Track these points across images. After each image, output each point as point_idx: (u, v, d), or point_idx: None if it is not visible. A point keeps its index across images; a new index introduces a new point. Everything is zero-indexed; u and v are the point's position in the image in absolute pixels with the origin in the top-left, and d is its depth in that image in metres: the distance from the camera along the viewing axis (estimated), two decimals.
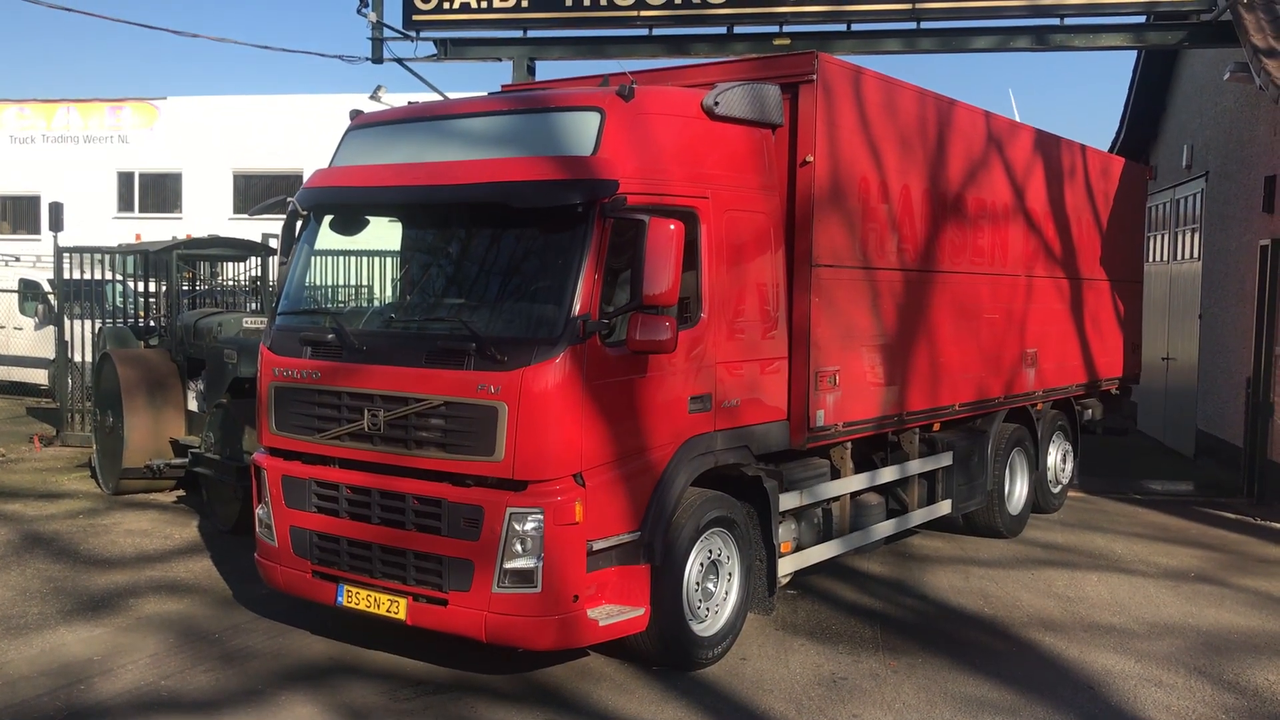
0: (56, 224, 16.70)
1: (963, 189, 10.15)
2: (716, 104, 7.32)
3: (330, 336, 7.09)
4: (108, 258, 17.28)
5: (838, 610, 8.83)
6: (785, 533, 8.30)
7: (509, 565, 6.40)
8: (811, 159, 8.02)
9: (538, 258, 6.82)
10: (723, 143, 7.46)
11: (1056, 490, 12.85)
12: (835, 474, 8.85)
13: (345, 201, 7.30)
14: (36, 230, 35.74)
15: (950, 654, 7.82)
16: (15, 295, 21.29)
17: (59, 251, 16.35)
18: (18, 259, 24.28)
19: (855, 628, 8.38)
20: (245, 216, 30.37)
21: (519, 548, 6.38)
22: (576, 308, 6.39)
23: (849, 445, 8.83)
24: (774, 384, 7.91)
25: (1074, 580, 9.87)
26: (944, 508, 10.30)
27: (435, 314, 6.91)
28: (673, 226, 6.41)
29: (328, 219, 7.62)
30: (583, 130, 6.71)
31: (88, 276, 16.06)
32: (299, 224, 7.68)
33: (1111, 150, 20.53)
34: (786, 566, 8.13)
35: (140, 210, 37.62)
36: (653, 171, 6.89)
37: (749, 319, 7.64)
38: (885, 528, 9.40)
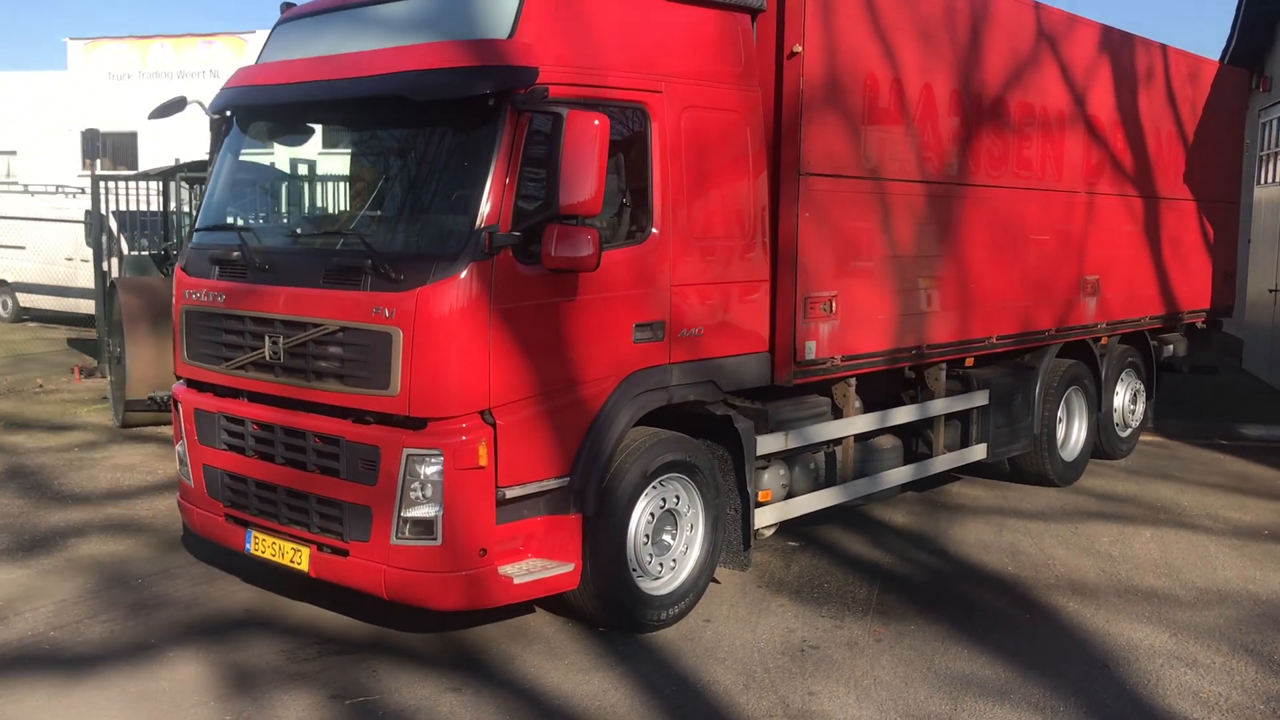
0: (91, 151, 16.36)
1: (1004, 92, 8.89)
2: None
3: (235, 254, 6.33)
4: (171, 185, 16.91)
5: (839, 565, 7.87)
6: (771, 479, 7.35)
7: (407, 514, 5.61)
8: (799, 50, 6.93)
9: (445, 161, 5.93)
10: (683, 29, 6.43)
11: (1125, 434, 11.56)
12: (839, 414, 7.84)
13: (251, 103, 6.50)
14: (135, 166, 36.10)
15: (951, 620, 6.81)
16: (81, 227, 21.23)
17: (95, 181, 16.03)
18: (84, 191, 24.28)
19: (851, 586, 7.41)
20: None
21: (418, 494, 5.57)
22: (481, 218, 5.49)
23: (852, 381, 7.79)
24: (752, 311, 6.91)
25: (1122, 536, 8.71)
26: (977, 452, 9.19)
27: (336, 227, 6.07)
28: (597, 121, 5.45)
29: (252, 123, 6.82)
30: (500, 10, 5.76)
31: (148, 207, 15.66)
32: (222, 130, 6.90)
33: (1223, 61, 18.57)
34: (767, 517, 7.18)
35: None
36: (587, 59, 5.92)
37: (718, 235, 6.65)
38: (900, 474, 8.36)
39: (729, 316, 6.76)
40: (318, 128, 6.72)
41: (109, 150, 41.17)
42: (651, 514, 6.37)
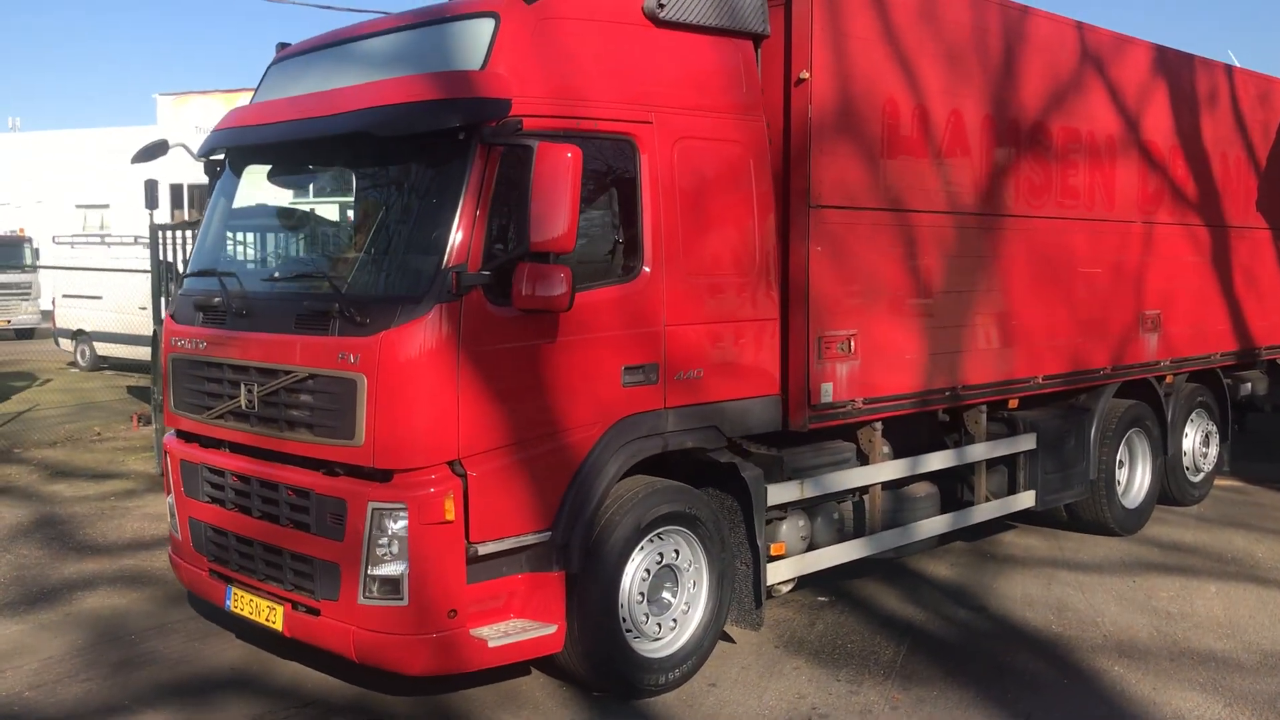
0: (152, 202, 16.57)
1: (1045, 117, 8.38)
2: (662, 7, 5.96)
3: (217, 300, 6.13)
4: None
5: (867, 623, 7.36)
6: (789, 531, 6.91)
7: (374, 571, 5.29)
8: (807, 76, 6.55)
9: (415, 199, 5.65)
10: (675, 57, 6.10)
11: (1197, 479, 10.81)
12: (866, 460, 7.36)
13: (232, 144, 6.31)
14: None
15: (978, 685, 6.27)
16: (149, 276, 21.57)
17: (154, 230, 16.21)
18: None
19: (876, 647, 6.90)
20: None
21: (384, 551, 5.26)
22: (449, 257, 5.19)
23: (878, 426, 7.31)
24: (759, 352, 6.50)
25: (1184, 591, 8.04)
26: (1024, 500, 8.60)
27: (309, 270, 5.82)
28: (569, 154, 5.13)
29: (241, 165, 6.64)
30: (473, 42, 5.50)
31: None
32: (216, 173, 6.74)
33: None
34: (781, 572, 6.72)
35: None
36: (569, 90, 5.61)
37: (718, 272, 6.27)
38: (936, 524, 7.82)
39: (733, 358, 6.36)
40: (307, 168, 6.51)
41: (196, 201, 42.29)
42: (647, 570, 5.97)
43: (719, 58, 6.30)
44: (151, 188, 16.94)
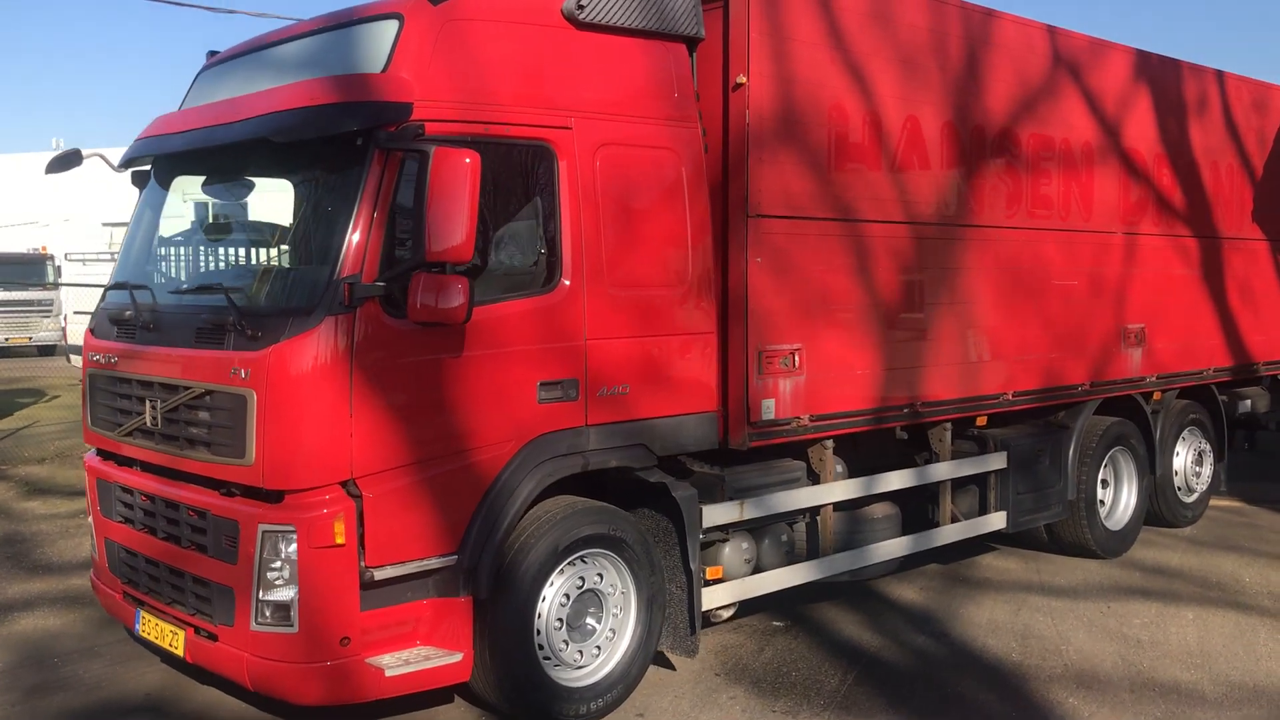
0: None
1: (1013, 124, 8.09)
2: (581, 8, 5.74)
3: (128, 314, 5.95)
4: None
5: (819, 649, 7.06)
6: (732, 554, 6.64)
7: (265, 596, 5.07)
8: (744, 81, 6.31)
9: (316, 207, 5.46)
10: (597, 59, 5.87)
11: (1190, 500, 10.42)
12: (818, 480, 7.08)
13: (149, 153, 6.14)
14: None
15: (920, 717, 5.96)
16: None
17: None
18: None
19: (822, 675, 6.60)
20: None
21: (275, 575, 5.04)
22: (341, 268, 4.98)
23: (829, 444, 7.02)
24: (694, 366, 6.25)
25: (1160, 618, 7.68)
26: (994, 521, 8.27)
27: (209, 282, 5.62)
28: (468, 159, 4.92)
29: (164, 176, 6.47)
30: (376, 44, 5.31)
31: None
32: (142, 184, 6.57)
33: None
34: (719, 596, 6.44)
35: None
36: (479, 94, 5.40)
37: (648, 284, 6.02)
38: (895, 547, 7.50)
39: (664, 373, 6.10)
40: (217, 176, 6.32)
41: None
42: (567, 595, 5.71)
43: (647, 61, 6.06)
44: None
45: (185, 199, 6.18)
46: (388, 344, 5.09)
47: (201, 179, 6.09)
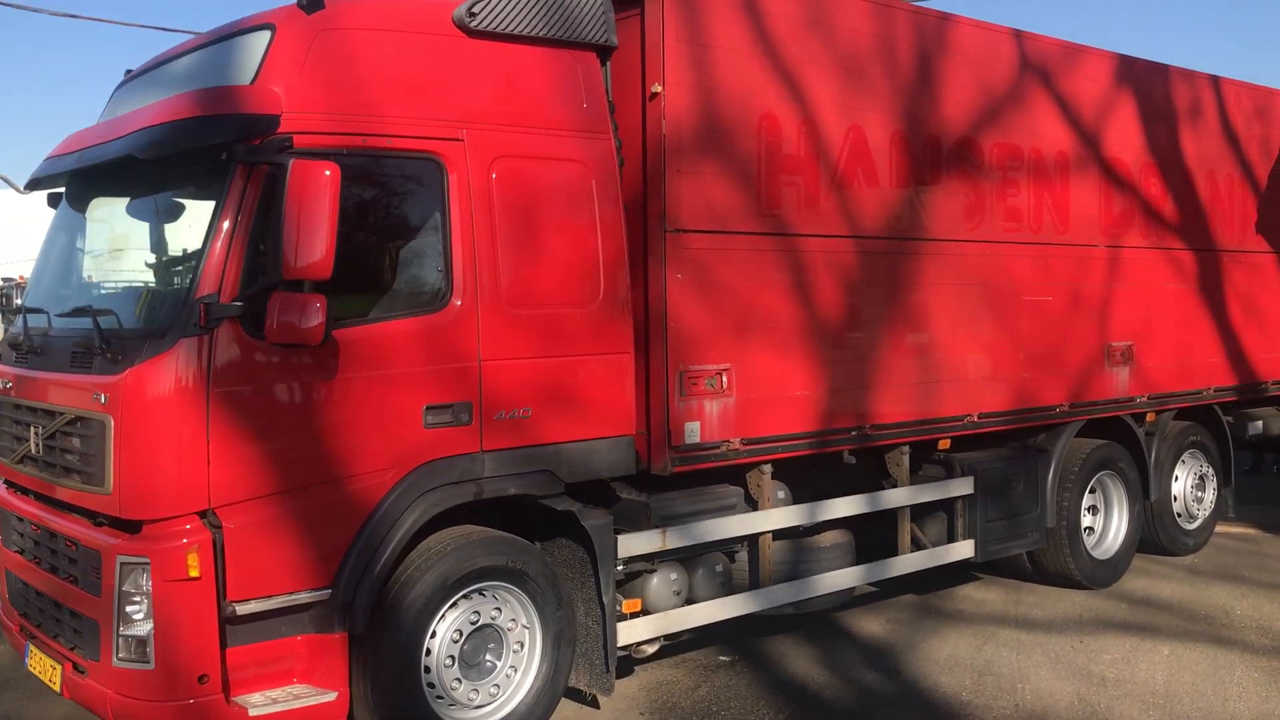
0: None
1: (975, 133, 7.72)
2: (473, 15, 5.50)
3: (21, 338, 5.80)
4: None
5: (759, 686, 6.70)
6: (660, 586, 6.34)
7: (124, 631, 4.84)
8: (659, 90, 6.04)
9: (181, 224, 5.27)
10: (493, 69, 5.62)
11: (1191, 526, 9.89)
12: (757, 506, 6.74)
13: (47, 173, 5.97)
14: None
15: None
16: None
17: None
18: None
19: (753, 715, 6.25)
20: None
21: (133, 609, 4.81)
22: (197, 287, 4.77)
23: (766, 469, 6.68)
24: (608, 388, 5.94)
25: (1132, 653, 7.22)
26: (962, 550, 7.86)
27: (83, 304, 5.42)
28: (327, 172, 4.69)
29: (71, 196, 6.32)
30: (247, 56, 5.11)
31: None
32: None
33: None
34: (639, 631, 6.11)
35: None
36: (358, 105, 5.17)
37: (553, 302, 5.74)
38: (843, 578, 7.12)
39: (572, 395, 5.81)
40: (107, 195, 6.13)
41: None
42: (459, 631, 5.42)
43: (550, 70, 5.81)
44: None
45: (89, 219, 6.01)
46: (250, 366, 4.86)
47: (99, 198, 5.93)
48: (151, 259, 5.47)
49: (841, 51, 6.92)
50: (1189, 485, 9.84)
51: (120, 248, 5.65)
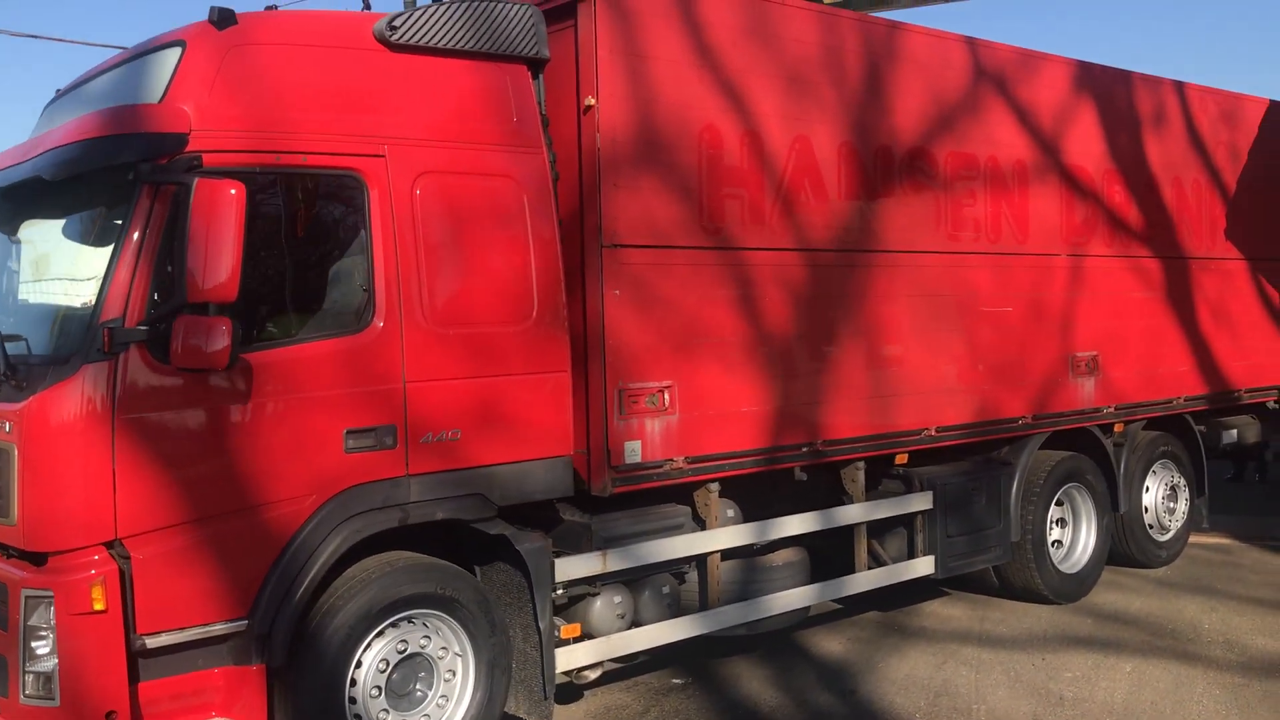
0: None
1: (928, 143, 7.60)
2: (395, 29, 5.38)
3: None
4: None
5: (709, 710, 6.56)
6: (601, 608, 6.18)
7: (30, 667, 4.69)
8: (593, 103, 5.92)
9: (88, 247, 5.13)
10: (416, 83, 5.50)
11: (1164, 538, 9.74)
12: (705, 525, 6.60)
13: None
14: None
15: None
16: None
17: None
18: None
19: None
20: None
21: (40, 644, 4.67)
22: (101, 311, 4.64)
23: (713, 487, 6.54)
24: (543, 408, 5.81)
25: (1094, 671, 7.07)
26: (921, 566, 7.71)
27: None
28: (233, 190, 4.57)
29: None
30: (158, 73, 4.99)
31: None
32: None
33: None
34: (577, 657, 5.96)
35: None
36: (272, 122, 5.05)
37: (483, 321, 5.60)
38: (795, 597, 6.97)
39: (505, 416, 5.67)
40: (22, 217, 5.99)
41: None
42: (386, 660, 5.27)
43: (478, 84, 5.68)
44: None
45: (12, 240, 5.88)
46: (158, 392, 4.72)
47: (21, 219, 5.80)
48: (64, 282, 5.34)
49: (785, 61, 6.80)
50: (1160, 496, 9.69)
51: (39, 269, 5.52)
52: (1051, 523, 8.67)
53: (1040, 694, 6.68)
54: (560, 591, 5.94)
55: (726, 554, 6.71)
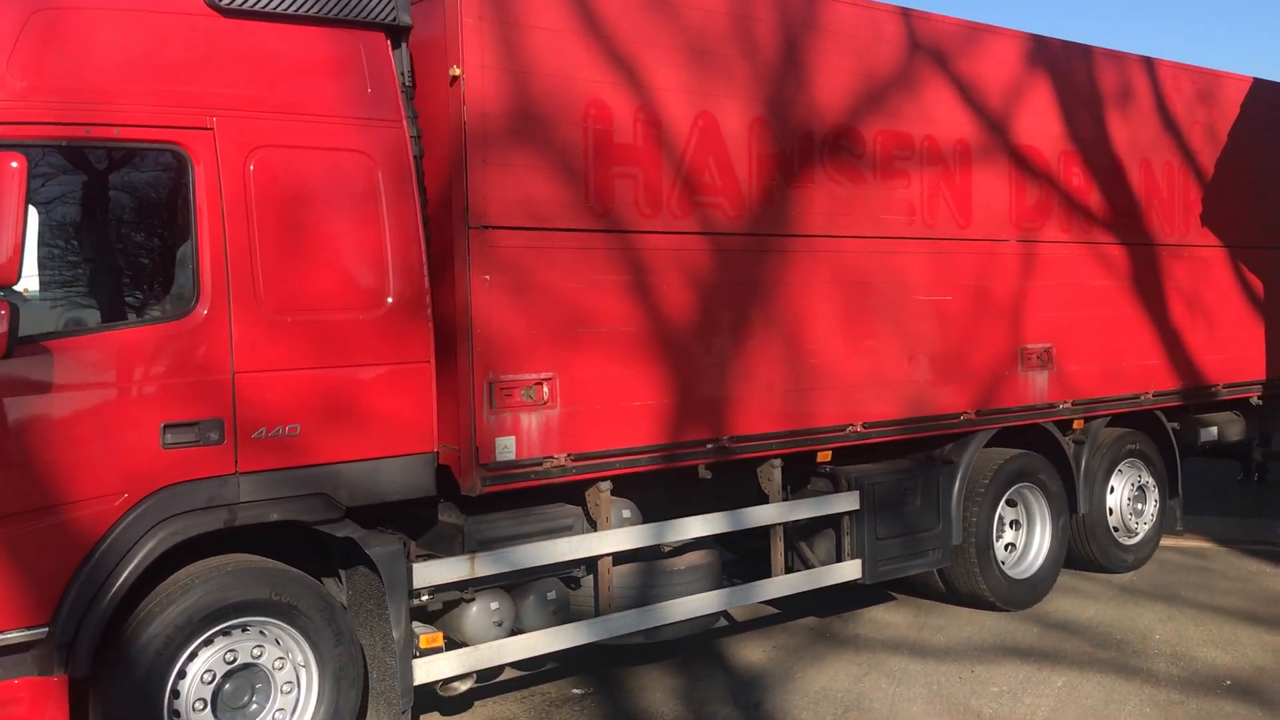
0: None
1: (855, 121, 7.13)
2: None
3: None
4: None
5: None
6: (477, 615, 5.80)
7: None
8: (459, 73, 5.52)
9: None
10: (252, 51, 5.10)
11: (1131, 542, 9.21)
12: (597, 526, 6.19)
13: None
14: None
15: None
16: None
17: None
18: None
19: None
20: None
21: None
22: None
23: (604, 486, 6.13)
24: (400, 401, 5.42)
25: (1023, 685, 6.59)
26: (847, 571, 7.25)
27: None
28: (14, 164, 4.23)
29: None
30: None
31: None
32: None
33: None
34: (440, 668, 5.57)
35: None
36: (79, 92, 4.68)
37: (329, 306, 5.22)
38: (698, 604, 6.53)
39: (354, 410, 5.28)
40: None
41: None
42: (212, 671, 4.90)
43: (325, 52, 5.29)
44: None
45: None
46: None
47: None
48: None
49: (687, 32, 6.36)
50: (1126, 497, 9.16)
51: None
52: (1004, 525, 8.19)
53: (958, 710, 6.22)
54: (427, 597, 5.57)
55: (626, 557, 6.30)
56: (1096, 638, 7.48)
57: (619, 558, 6.25)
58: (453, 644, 5.81)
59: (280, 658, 5.09)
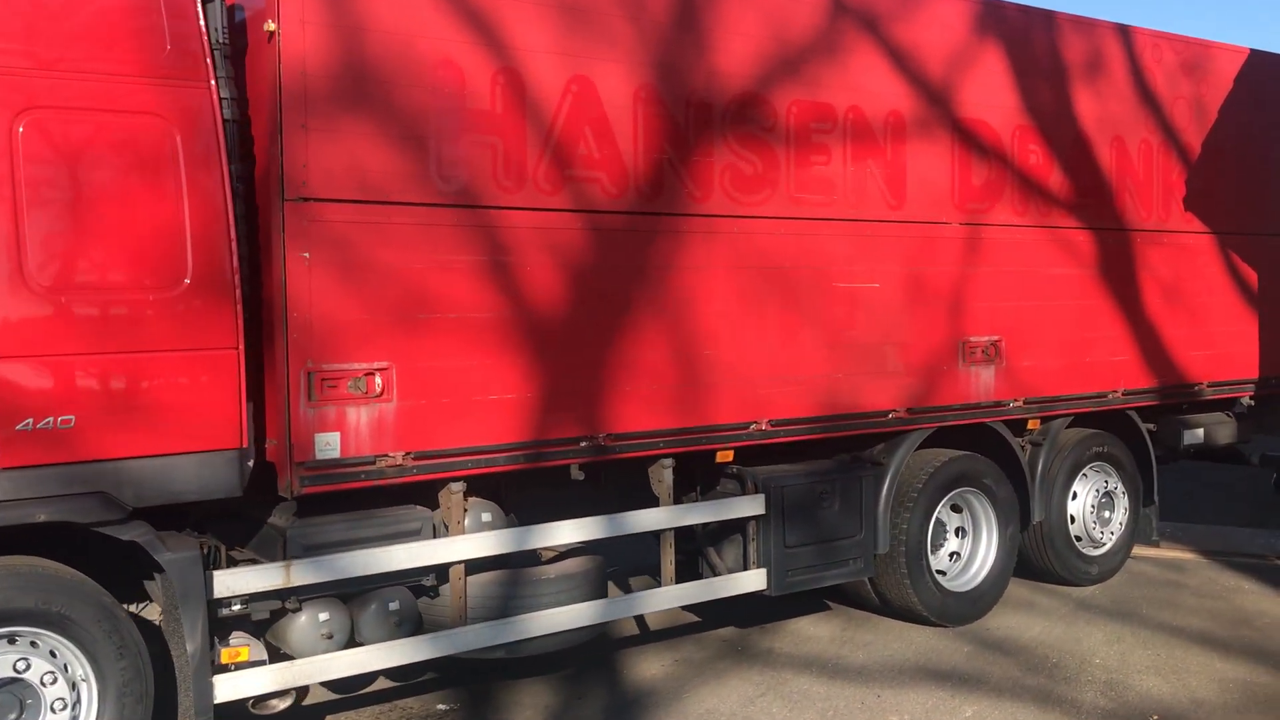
0: None
1: (764, 90, 6.49)
2: None
3: None
4: None
5: None
6: (304, 626, 5.29)
7: None
8: (274, 28, 4.98)
9: None
10: (27, 2, 4.61)
11: (1096, 553, 8.48)
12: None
13: None
14: None
15: None
16: None
17: None
18: None
19: None
20: None
21: None
22: None
23: (455, 488, 5.58)
24: (198, 391, 4.89)
25: (926, 713, 5.98)
26: (749, 581, 6.64)
27: None
28: None
29: None
30: None
31: None
32: None
33: None
34: (247, 685, 5.05)
35: None
36: None
37: (113, 285, 4.72)
38: (566, 617, 5.95)
39: (141, 400, 4.77)
40: None
41: None
42: None
43: (113, 5, 4.78)
44: None
45: None
46: None
47: None
48: None
49: None
50: (1090, 504, 8.43)
51: None
52: (945, 533, 7.55)
53: None
54: (239, 607, 5.06)
55: (487, 564, 5.76)
56: (1031, 660, 6.81)
57: (476, 565, 5.71)
58: (283, 657, 5.32)
59: (51, 672, 4.61)
